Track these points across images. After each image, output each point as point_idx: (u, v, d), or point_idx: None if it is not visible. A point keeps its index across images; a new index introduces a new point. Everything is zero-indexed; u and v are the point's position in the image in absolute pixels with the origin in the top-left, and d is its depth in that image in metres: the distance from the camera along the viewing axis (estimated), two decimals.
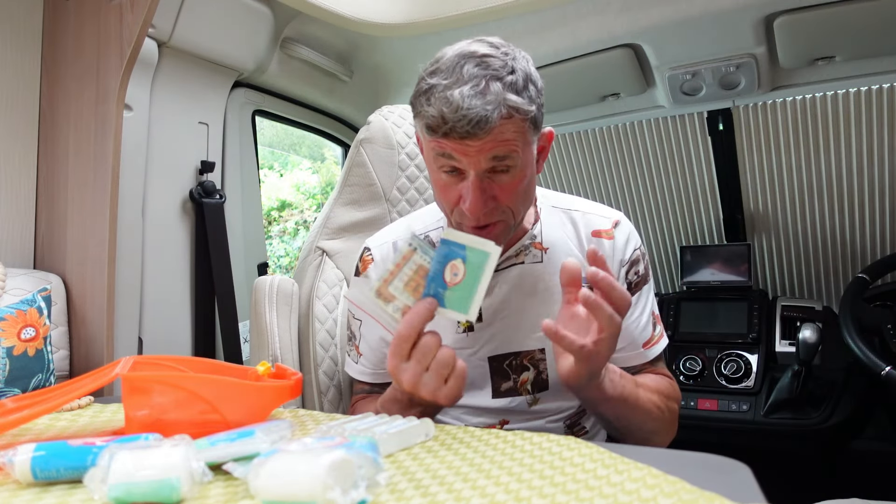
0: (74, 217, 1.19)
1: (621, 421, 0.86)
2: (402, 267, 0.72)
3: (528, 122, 0.79)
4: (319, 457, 0.44)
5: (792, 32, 1.46)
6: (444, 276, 0.71)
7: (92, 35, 1.16)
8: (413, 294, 0.73)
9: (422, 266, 0.72)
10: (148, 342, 1.40)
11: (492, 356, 0.95)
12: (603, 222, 0.98)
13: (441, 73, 0.78)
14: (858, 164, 1.73)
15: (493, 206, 0.82)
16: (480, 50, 0.78)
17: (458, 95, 0.74)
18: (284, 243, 5.01)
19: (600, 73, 1.70)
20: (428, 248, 0.72)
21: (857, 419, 1.65)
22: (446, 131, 0.76)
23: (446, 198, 0.85)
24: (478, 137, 0.75)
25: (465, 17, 1.49)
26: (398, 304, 0.73)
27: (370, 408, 0.91)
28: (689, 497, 0.46)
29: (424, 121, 0.78)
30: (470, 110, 0.73)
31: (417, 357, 0.71)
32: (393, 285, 0.72)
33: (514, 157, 0.79)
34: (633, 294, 0.96)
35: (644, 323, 0.97)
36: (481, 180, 0.79)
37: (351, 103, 1.94)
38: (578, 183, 2.14)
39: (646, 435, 0.90)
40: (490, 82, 0.75)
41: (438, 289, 0.72)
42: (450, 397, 0.73)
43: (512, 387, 0.95)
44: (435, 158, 0.82)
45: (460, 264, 0.71)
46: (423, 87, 0.79)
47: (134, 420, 0.65)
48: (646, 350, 0.97)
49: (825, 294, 1.99)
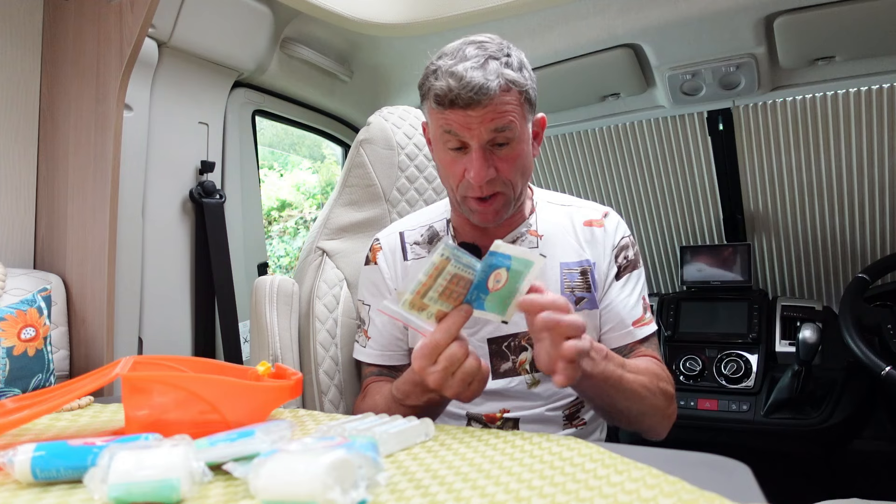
0: (74, 217, 1.19)
1: (605, 399, 0.87)
2: (435, 278, 0.70)
3: (524, 98, 0.90)
4: (319, 457, 0.44)
5: (792, 32, 1.46)
6: (487, 284, 0.73)
7: (92, 35, 1.16)
8: (447, 301, 0.72)
9: (456, 275, 0.71)
10: (148, 342, 1.40)
11: (491, 338, 0.99)
12: (594, 213, 1.07)
13: (446, 55, 0.89)
14: (858, 164, 1.73)
15: (495, 176, 0.91)
16: (479, 38, 0.91)
17: (462, 68, 0.86)
18: (284, 243, 5.01)
19: (600, 73, 1.70)
20: (461, 255, 0.70)
21: (857, 419, 1.65)
22: (452, 99, 0.86)
23: (452, 172, 0.94)
24: (480, 105, 0.85)
25: (465, 17, 1.49)
26: (432, 310, 0.73)
27: (385, 389, 0.94)
28: (689, 497, 0.46)
29: (433, 93, 0.88)
30: (473, 80, 0.85)
31: (445, 364, 0.73)
32: (428, 296, 0.71)
33: (512, 129, 0.89)
34: (621, 277, 1.03)
35: (633, 303, 1.02)
36: (484, 151, 0.89)
37: (351, 103, 1.94)
38: (578, 183, 2.14)
39: (635, 416, 0.90)
40: (489, 60, 0.87)
41: (480, 294, 0.73)
42: (470, 398, 0.76)
43: (511, 367, 0.99)
44: (441, 136, 0.92)
45: (504, 273, 0.72)
46: (430, 69, 0.91)
47: (134, 420, 0.65)
48: (635, 328, 1.01)
49: (825, 294, 1.99)
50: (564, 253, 1.02)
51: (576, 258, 1.02)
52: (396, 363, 1.05)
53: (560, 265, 1.01)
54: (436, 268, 0.70)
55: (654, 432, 0.95)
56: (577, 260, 1.02)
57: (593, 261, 1.02)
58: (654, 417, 0.93)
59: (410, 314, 0.73)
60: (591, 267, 1.02)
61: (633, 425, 0.93)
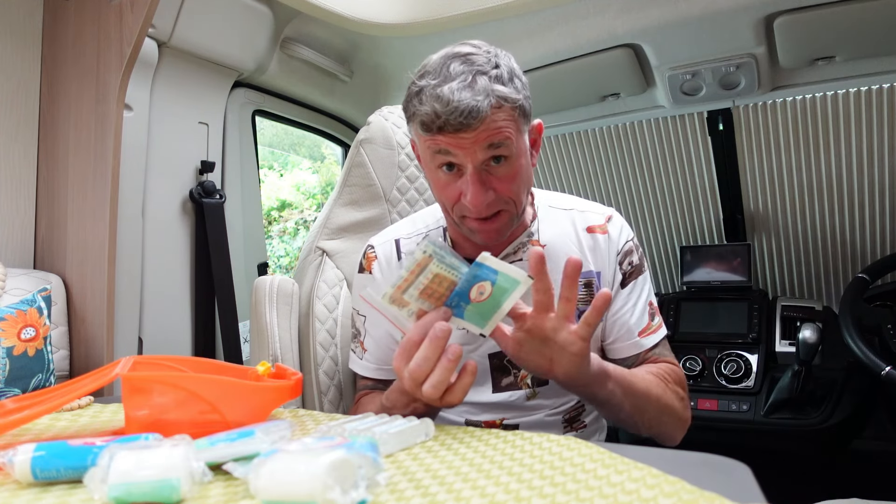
0: (74, 217, 1.19)
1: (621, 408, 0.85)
2: (416, 274, 0.69)
3: (518, 111, 0.83)
4: (319, 457, 0.44)
5: (792, 32, 1.46)
6: (469, 293, 0.71)
7: (92, 35, 1.16)
8: (428, 300, 0.72)
9: (438, 274, 0.70)
10: (148, 342, 1.40)
11: (492, 353, 0.97)
12: (597, 218, 1.02)
13: (429, 74, 0.82)
14: (858, 164, 1.73)
15: (494, 197, 0.85)
16: (464, 50, 0.83)
17: (448, 91, 0.78)
18: (284, 243, 5.01)
19: (600, 73, 1.70)
20: (445, 255, 0.70)
21: (857, 419, 1.64)
22: (440, 125, 0.79)
23: (446, 196, 0.87)
24: (471, 128, 0.79)
25: (465, 18, 1.49)
26: (412, 308, 0.72)
27: (374, 403, 0.92)
28: (689, 497, 0.46)
29: (419, 119, 0.82)
30: (461, 102, 0.77)
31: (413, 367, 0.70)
32: (408, 293, 0.70)
33: (508, 145, 0.82)
34: (627, 284, 0.99)
35: (639, 313, 0.99)
36: (479, 173, 0.83)
37: (351, 103, 1.94)
38: (578, 183, 2.14)
39: (649, 421, 0.89)
40: (476, 76, 0.80)
41: (461, 302, 0.72)
42: (448, 405, 0.73)
43: (512, 381, 0.97)
44: (432, 157, 0.85)
45: (488, 286, 0.70)
46: (413, 90, 0.83)
47: (134, 420, 0.65)
48: (641, 339, 0.98)
49: (825, 294, 1.99)
50: None
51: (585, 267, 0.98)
52: (392, 378, 1.01)
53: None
54: (417, 264, 0.69)
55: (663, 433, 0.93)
56: (581, 271, 0.97)
57: (597, 270, 0.99)
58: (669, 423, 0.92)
59: (391, 308, 0.72)
60: (595, 278, 0.99)
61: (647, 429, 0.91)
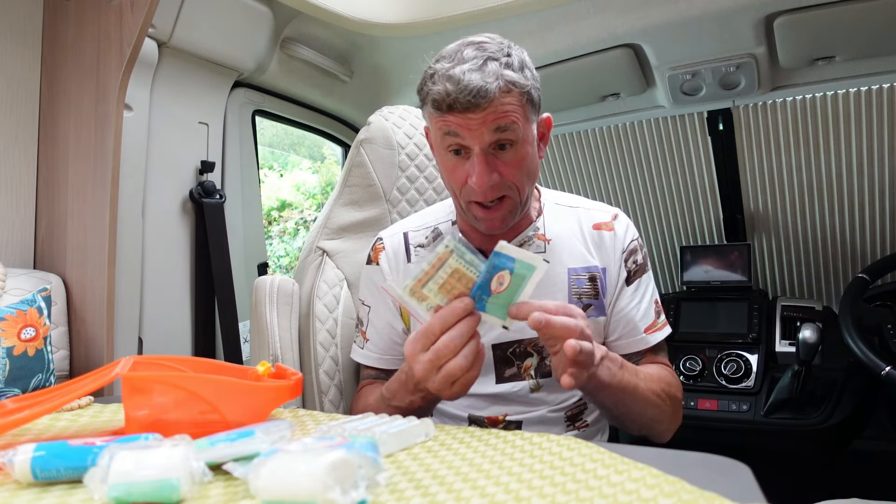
0: (74, 217, 1.19)
1: (620, 408, 0.88)
2: (437, 268, 0.71)
3: (526, 98, 0.86)
4: (319, 457, 0.44)
5: (792, 32, 1.46)
6: (490, 286, 0.72)
7: (92, 35, 1.16)
8: (447, 296, 0.72)
9: (457, 269, 0.71)
10: (148, 342, 1.40)
11: (496, 344, 0.98)
12: (603, 216, 1.04)
13: (444, 58, 0.87)
14: (858, 164, 1.73)
15: (499, 180, 0.87)
16: (478, 39, 0.88)
17: (459, 71, 0.83)
18: (284, 243, 5.01)
19: (600, 73, 1.70)
20: (465, 251, 0.71)
21: (857, 419, 1.64)
22: (450, 103, 0.83)
23: (454, 178, 0.91)
24: (480, 108, 0.82)
25: (465, 17, 1.49)
26: (431, 302, 0.73)
27: (375, 393, 0.94)
28: (689, 497, 0.46)
29: (431, 98, 0.86)
30: (470, 82, 0.82)
31: (432, 356, 0.72)
32: (427, 287, 0.71)
33: (514, 130, 0.85)
34: (632, 282, 1.01)
35: (645, 309, 1.01)
36: (486, 155, 0.86)
37: (351, 103, 1.94)
38: (579, 183, 2.14)
39: (647, 422, 0.92)
40: (488, 61, 0.84)
41: (483, 296, 0.73)
42: (452, 397, 0.75)
43: (515, 373, 0.98)
44: (442, 139, 0.88)
45: (507, 275, 0.71)
46: (428, 73, 0.88)
47: (134, 420, 0.65)
48: (647, 335, 1.00)
49: (825, 294, 1.99)
50: (572, 258, 1.00)
51: (584, 264, 1.00)
52: (394, 367, 1.04)
53: (568, 271, 0.99)
54: (438, 258, 0.70)
55: (662, 436, 0.96)
56: (586, 266, 1.00)
57: (602, 266, 1.00)
58: (663, 423, 0.94)
59: (411, 301, 0.73)
60: (600, 273, 1.00)
61: (643, 430, 0.94)
